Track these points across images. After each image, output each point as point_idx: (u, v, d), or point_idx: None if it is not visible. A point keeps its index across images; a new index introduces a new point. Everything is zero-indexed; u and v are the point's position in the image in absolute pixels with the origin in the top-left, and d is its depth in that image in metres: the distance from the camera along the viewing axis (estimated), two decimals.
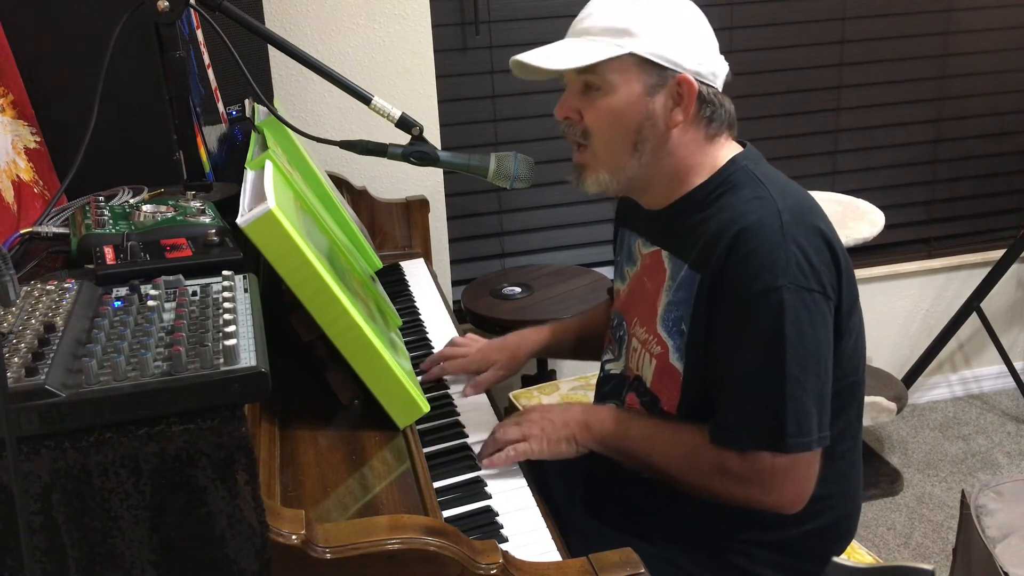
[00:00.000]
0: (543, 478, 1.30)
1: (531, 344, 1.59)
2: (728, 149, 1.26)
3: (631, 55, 1.17)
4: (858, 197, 2.53)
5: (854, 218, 2.39)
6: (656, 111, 1.20)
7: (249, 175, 1.24)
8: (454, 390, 1.51)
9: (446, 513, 1.16)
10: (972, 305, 2.77)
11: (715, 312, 1.17)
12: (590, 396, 2.00)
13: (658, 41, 1.17)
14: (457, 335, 1.72)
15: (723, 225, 1.17)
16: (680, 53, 1.18)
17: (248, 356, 0.84)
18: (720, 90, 1.23)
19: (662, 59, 1.17)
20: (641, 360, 1.31)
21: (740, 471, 1.17)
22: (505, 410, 2.04)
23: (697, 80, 1.19)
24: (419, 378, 1.48)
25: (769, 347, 1.12)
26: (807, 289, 1.12)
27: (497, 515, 1.17)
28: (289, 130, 1.50)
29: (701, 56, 1.19)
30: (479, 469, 1.27)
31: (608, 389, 1.40)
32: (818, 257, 1.14)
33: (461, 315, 2.34)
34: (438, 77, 2.35)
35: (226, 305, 0.94)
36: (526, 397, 2.09)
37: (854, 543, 1.44)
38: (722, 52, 1.24)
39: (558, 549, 1.12)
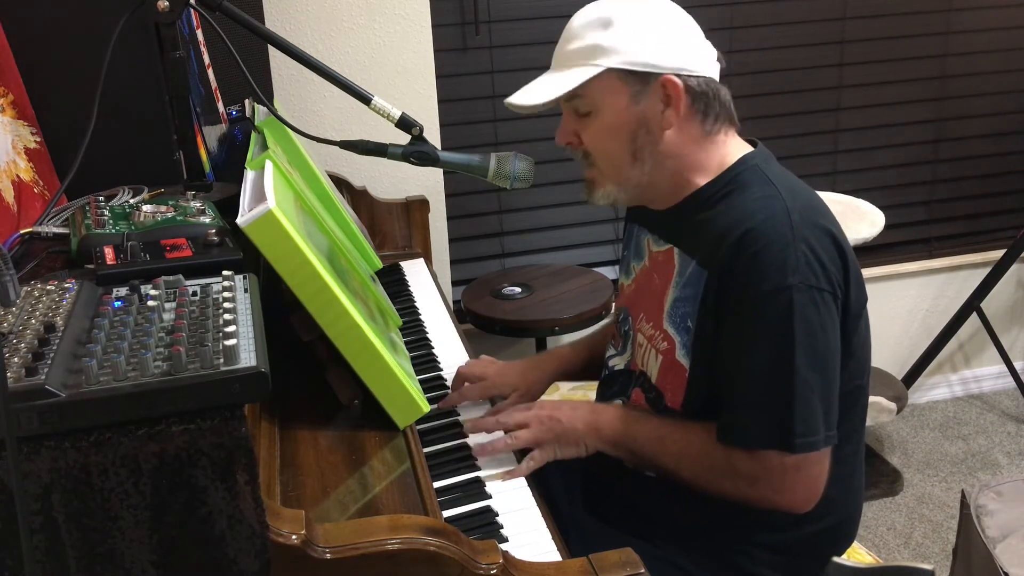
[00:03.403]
0: (543, 478, 1.30)
1: (552, 370, 1.54)
2: (736, 147, 1.26)
3: (608, 71, 1.18)
4: (858, 197, 2.53)
5: (854, 218, 2.39)
6: (648, 117, 1.20)
7: (249, 175, 1.24)
8: (463, 413, 1.49)
9: (446, 513, 1.16)
10: (972, 305, 2.77)
11: (723, 309, 1.17)
12: (590, 396, 2.00)
13: (631, 49, 1.17)
14: (461, 341, 1.71)
15: (731, 222, 1.16)
16: (657, 54, 1.17)
17: (248, 356, 0.84)
18: (714, 77, 1.21)
19: (639, 66, 1.18)
20: (647, 356, 1.31)
21: (751, 471, 1.17)
22: None
23: (682, 75, 1.18)
24: (435, 406, 1.43)
25: (779, 346, 1.12)
26: (817, 288, 1.12)
27: (497, 515, 1.17)
28: (289, 130, 1.50)
29: (680, 50, 1.19)
30: (479, 469, 1.27)
31: (616, 388, 1.39)
32: (827, 256, 1.14)
33: (461, 315, 2.34)
34: (438, 77, 2.35)
35: (226, 305, 0.94)
36: None
37: (854, 543, 1.44)
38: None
39: (558, 549, 1.12)
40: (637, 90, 1.19)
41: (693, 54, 1.20)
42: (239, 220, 1.07)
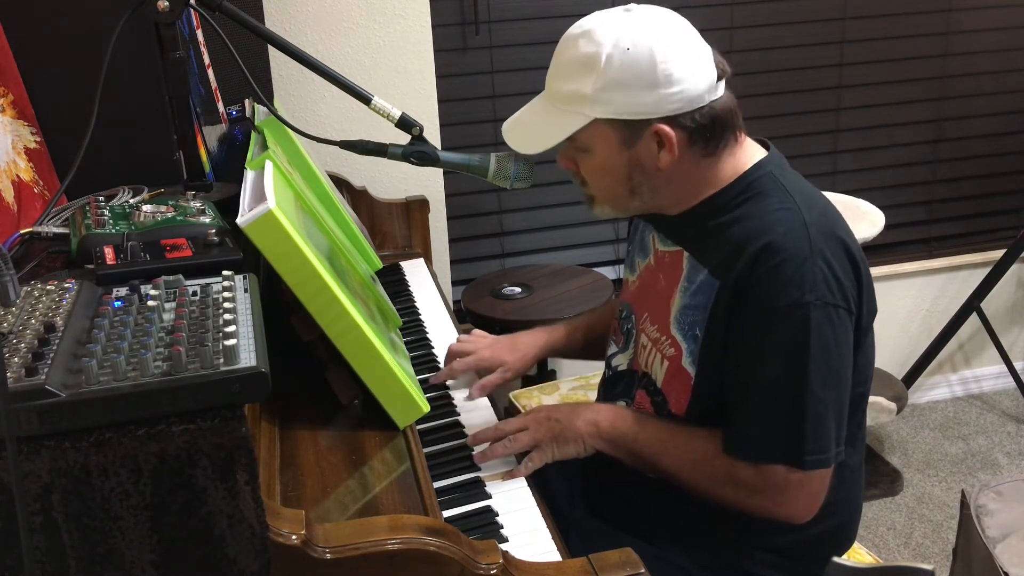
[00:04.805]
0: (543, 478, 1.30)
1: (541, 345, 1.55)
2: (747, 152, 1.23)
3: (595, 120, 1.15)
4: (858, 197, 2.53)
5: (854, 218, 2.39)
6: (641, 158, 1.18)
7: (249, 175, 1.24)
8: (453, 389, 1.51)
9: (446, 513, 1.16)
10: (972, 305, 2.77)
11: (735, 321, 1.16)
12: (591, 396, 2.00)
13: (617, 99, 1.13)
14: (460, 335, 1.71)
15: (748, 234, 1.15)
16: (647, 103, 1.13)
17: (248, 356, 0.84)
18: (713, 100, 1.15)
19: (627, 115, 1.14)
20: (652, 359, 1.30)
21: (753, 483, 1.16)
22: (506, 410, 2.04)
23: (674, 118, 1.14)
24: (428, 383, 1.46)
25: (793, 363, 1.12)
26: (833, 305, 1.12)
27: (497, 515, 1.17)
28: (289, 130, 1.50)
29: (673, 91, 1.12)
30: (479, 469, 1.27)
31: (620, 389, 1.38)
32: (843, 271, 1.13)
33: (461, 315, 2.34)
34: (438, 77, 2.35)
35: (226, 305, 0.94)
36: (526, 397, 2.09)
37: (854, 543, 1.44)
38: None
39: (558, 549, 1.12)
40: (627, 137, 1.16)
41: (688, 89, 1.13)
42: (239, 220, 1.07)
